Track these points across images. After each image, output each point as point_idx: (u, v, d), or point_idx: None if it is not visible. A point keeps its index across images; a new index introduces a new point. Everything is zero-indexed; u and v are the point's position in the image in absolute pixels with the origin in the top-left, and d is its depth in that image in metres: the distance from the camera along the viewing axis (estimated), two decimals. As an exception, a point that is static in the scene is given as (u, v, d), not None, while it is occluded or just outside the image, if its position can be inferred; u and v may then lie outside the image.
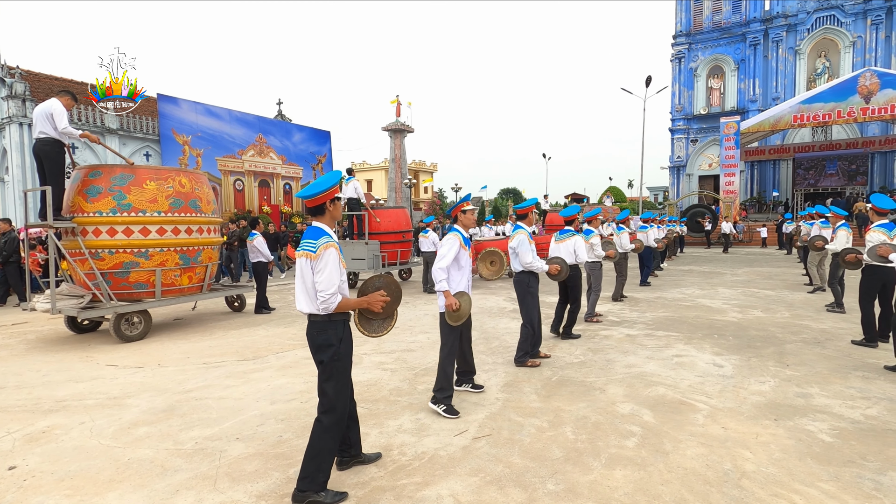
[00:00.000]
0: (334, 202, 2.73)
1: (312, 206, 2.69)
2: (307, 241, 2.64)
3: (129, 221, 6.57)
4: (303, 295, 2.65)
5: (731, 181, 25.80)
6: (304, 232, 2.76)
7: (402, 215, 12.02)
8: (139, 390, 4.52)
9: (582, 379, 4.59)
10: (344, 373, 2.71)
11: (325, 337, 2.64)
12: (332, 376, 2.66)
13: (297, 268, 2.69)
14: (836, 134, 29.54)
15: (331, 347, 2.64)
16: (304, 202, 2.70)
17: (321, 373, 2.67)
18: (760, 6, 30.95)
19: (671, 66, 34.00)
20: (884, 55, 27.60)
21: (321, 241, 2.61)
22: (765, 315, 7.45)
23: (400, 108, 31.83)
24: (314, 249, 2.59)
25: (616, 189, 39.28)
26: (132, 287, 6.74)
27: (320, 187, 2.65)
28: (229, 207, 20.93)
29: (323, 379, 2.67)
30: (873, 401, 3.92)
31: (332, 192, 2.69)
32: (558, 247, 6.14)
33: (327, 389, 2.65)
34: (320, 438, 2.61)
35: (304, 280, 2.63)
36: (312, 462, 2.58)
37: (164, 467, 3.03)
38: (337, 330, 2.67)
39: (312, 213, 2.72)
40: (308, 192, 2.67)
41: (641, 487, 2.70)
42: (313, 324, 2.67)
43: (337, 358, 2.65)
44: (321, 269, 2.56)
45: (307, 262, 2.60)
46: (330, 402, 2.64)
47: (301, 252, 2.64)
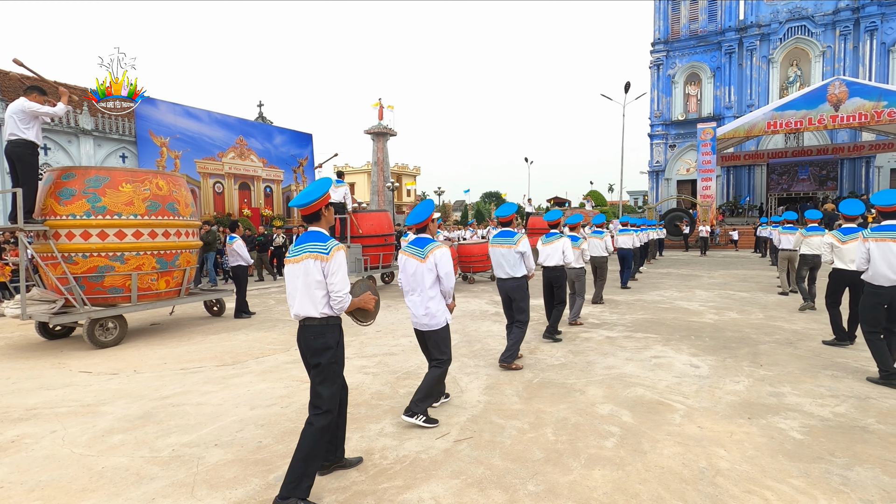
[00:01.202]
0: (328, 207, 2.79)
1: (309, 213, 2.73)
2: (313, 243, 2.65)
3: (104, 224, 6.43)
4: (305, 298, 2.64)
5: (708, 186, 26.39)
6: (300, 236, 2.77)
7: (385, 219, 12.00)
8: (114, 397, 4.41)
9: (563, 381, 4.64)
10: (339, 375, 2.73)
11: (324, 340, 2.65)
12: (327, 378, 2.66)
13: (296, 271, 2.66)
14: (807, 140, 30.49)
15: (329, 350, 2.66)
16: (300, 210, 2.74)
17: (316, 375, 2.67)
18: (735, 16, 31.84)
19: (650, 73, 34.70)
20: (852, 65, 28.62)
21: (331, 243, 2.66)
22: (740, 316, 7.63)
23: (382, 111, 31.80)
24: (326, 251, 2.62)
25: (597, 193, 39.84)
26: (107, 291, 6.59)
27: (315, 194, 2.69)
28: (209, 210, 20.60)
29: (318, 382, 2.67)
30: (841, 399, 4.05)
31: (326, 199, 2.75)
32: (546, 249, 6.21)
33: (322, 392, 2.65)
34: (311, 442, 2.59)
35: (307, 283, 2.62)
36: (300, 466, 2.54)
37: (140, 475, 2.97)
38: (334, 332, 2.70)
39: (308, 220, 2.77)
40: (304, 200, 2.70)
41: (620, 487, 2.75)
42: (309, 328, 2.66)
43: (334, 360, 2.68)
44: (335, 270, 2.61)
45: (316, 263, 2.61)
46: (325, 404, 2.64)
47: (306, 254, 2.64)
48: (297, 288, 2.66)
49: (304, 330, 2.69)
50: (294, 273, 2.68)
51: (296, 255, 2.69)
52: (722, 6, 32.14)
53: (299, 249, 2.69)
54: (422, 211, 3.85)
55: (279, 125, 25.15)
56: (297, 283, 2.66)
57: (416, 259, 3.70)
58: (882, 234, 4.39)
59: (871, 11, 28.00)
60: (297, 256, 2.67)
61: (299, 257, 2.66)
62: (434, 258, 3.64)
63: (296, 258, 2.68)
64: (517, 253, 4.95)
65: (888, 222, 4.44)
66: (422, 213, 3.82)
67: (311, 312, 2.64)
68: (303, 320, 2.69)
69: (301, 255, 2.66)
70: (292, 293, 2.70)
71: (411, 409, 3.61)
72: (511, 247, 4.96)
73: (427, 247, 3.68)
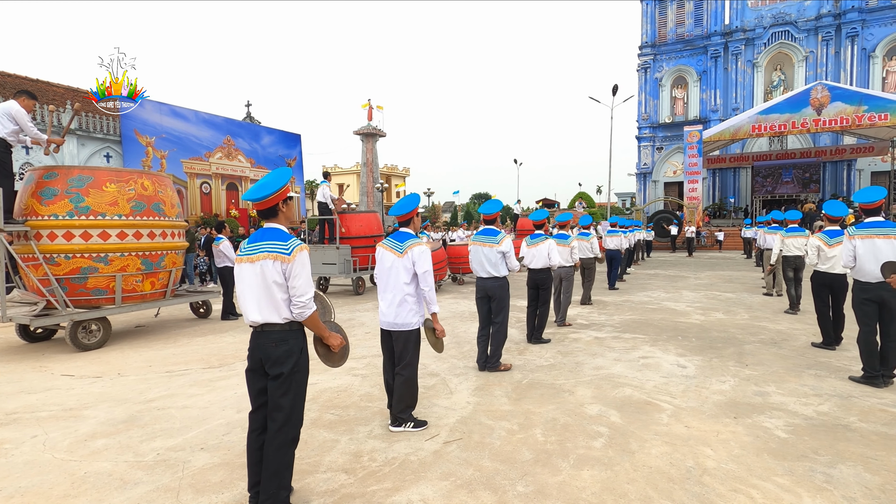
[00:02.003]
0: (287, 202, 2.51)
1: (265, 207, 2.47)
2: (271, 242, 2.41)
3: (88, 225, 6.31)
4: (265, 302, 2.40)
5: (695, 188, 26.74)
6: (253, 234, 2.52)
7: (374, 220, 11.96)
8: (97, 401, 4.33)
9: (552, 381, 4.65)
10: (303, 385, 2.53)
11: (287, 347, 2.43)
12: (290, 389, 2.45)
13: (250, 272, 2.42)
14: (791, 144, 31.03)
15: (291, 358, 2.43)
16: (254, 205, 2.47)
17: (277, 387, 2.43)
18: (721, 20, 32.31)
19: (637, 76, 35.06)
20: (834, 70, 29.20)
21: (292, 241, 2.41)
22: (726, 317, 7.73)
23: (372, 112, 31.72)
24: (287, 251, 2.37)
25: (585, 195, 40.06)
26: (90, 293, 6.47)
27: (272, 187, 2.43)
28: (195, 211, 20.37)
29: (279, 394, 2.43)
30: (825, 398, 4.12)
31: (284, 192, 2.47)
32: (531, 251, 6.16)
33: (283, 404, 2.44)
34: (279, 455, 2.44)
35: (266, 285, 2.38)
36: (272, 481, 2.42)
37: (124, 480, 2.92)
38: (299, 339, 2.49)
39: (265, 216, 2.50)
40: (258, 193, 2.43)
41: (608, 487, 2.76)
42: (269, 334, 2.43)
43: (297, 369, 2.46)
44: (298, 272, 2.38)
45: (276, 264, 2.37)
46: (286, 416, 2.44)
47: (263, 254, 2.39)
48: (253, 291, 2.42)
49: (262, 336, 2.44)
50: (248, 274, 2.43)
51: (250, 253, 2.43)
52: (708, 11, 32.62)
53: (254, 248, 2.43)
54: (407, 203, 3.67)
55: (267, 125, 25.00)
56: (252, 285, 2.42)
57: (393, 253, 3.54)
58: (867, 230, 4.46)
59: (852, 18, 28.60)
60: (252, 255, 2.41)
61: (254, 256, 2.40)
62: (412, 255, 3.49)
63: (250, 257, 2.42)
64: (499, 252, 4.94)
65: (872, 219, 4.51)
66: (407, 205, 3.66)
67: (272, 318, 2.41)
68: (261, 326, 2.45)
69: (257, 255, 2.40)
70: (246, 297, 2.44)
71: (397, 419, 3.56)
72: (494, 246, 4.95)
73: (406, 242, 3.53)
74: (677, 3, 33.69)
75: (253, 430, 2.53)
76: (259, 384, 2.50)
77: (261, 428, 2.51)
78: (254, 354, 2.48)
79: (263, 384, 2.49)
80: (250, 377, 2.53)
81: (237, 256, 2.53)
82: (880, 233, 4.39)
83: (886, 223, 4.45)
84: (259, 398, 2.51)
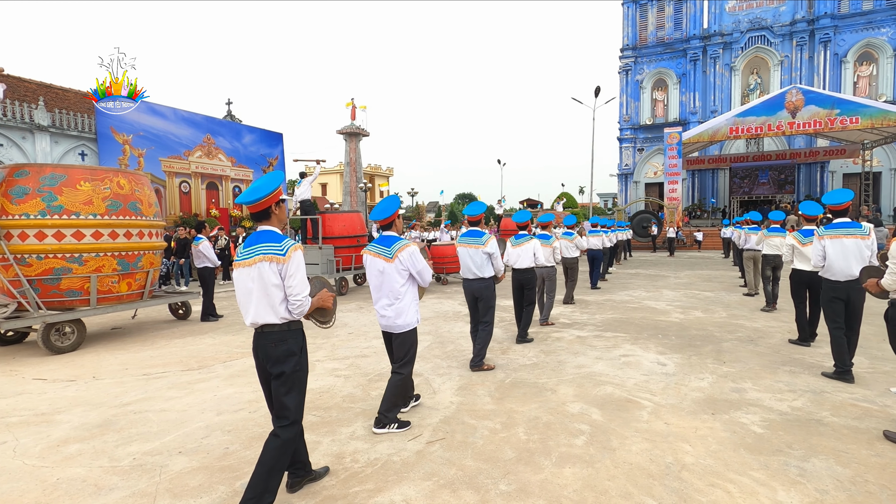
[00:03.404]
0: (279, 205, 2.59)
1: (258, 210, 2.52)
2: (266, 244, 2.46)
3: (61, 224, 6.15)
4: (263, 304, 2.46)
5: (675, 189, 27.14)
6: (249, 237, 2.57)
7: (357, 219, 11.89)
8: (70, 405, 4.22)
9: (534, 380, 4.68)
10: (304, 383, 2.60)
11: (287, 347, 2.50)
12: (293, 387, 2.52)
13: (248, 275, 2.47)
14: (767, 146, 31.74)
15: (292, 357, 2.51)
16: (248, 207, 2.51)
17: (280, 386, 2.50)
18: (700, 24, 32.92)
19: (619, 78, 35.50)
20: (807, 74, 29.99)
21: (286, 243, 2.47)
22: (704, 315, 7.87)
23: (355, 111, 31.50)
24: (282, 252, 2.43)
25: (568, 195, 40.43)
26: (64, 295, 6.31)
27: (265, 190, 2.49)
28: (174, 210, 19.99)
29: (283, 392, 2.51)
30: (799, 393, 4.23)
31: (277, 195, 2.54)
32: (516, 251, 6.19)
33: (288, 403, 2.51)
34: (277, 454, 2.46)
35: (264, 287, 2.44)
36: (264, 480, 2.40)
37: (98, 486, 2.85)
38: (297, 338, 2.55)
39: (258, 219, 2.56)
40: (252, 196, 2.48)
41: (589, 484, 2.79)
42: (269, 334, 2.49)
43: (299, 367, 2.54)
44: (293, 272, 2.44)
45: (272, 266, 2.43)
46: (293, 415, 2.52)
47: (259, 257, 2.44)
48: (252, 293, 2.47)
49: (262, 337, 2.51)
50: (246, 277, 2.48)
51: (247, 257, 2.48)
52: (687, 14, 33.20)
53: (251, 251, 2.48)
54: (387, 206, 3.62)
55: (248, 124, 24.66)
56: (251, 288, 2.47)
57: (382, 259, 3.51)
58: (835, 231, 4.60)
59: (825, 24, 29.40)
60: (249, 259, 2.47)
61: (251, 260, 2.46)
62: (403, 257, 3.49)
63: (247, 261, 2.47)
64: (485, 253, 4.95)
65: (840, 220, 4.66)
66: (388, 209, 3.61)
67: (270, 319, 2.47)
68: (261, 327, 2.51)
69: (253, 258, 2.46)
70: (245, 300, 2.50)
71: (381, 420, 3.54)
72: (479, 247, 4.96)
73: (394, 245, 3.50)
74: (657, 7, 34.22)
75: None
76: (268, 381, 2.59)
77: None
78: (257, 354, 2.55)
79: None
80: (260, 375, 2.61)
81: (234, 262, 2.56)
82: (847, 233, 4.54)
83: (853, 224, 4.60)
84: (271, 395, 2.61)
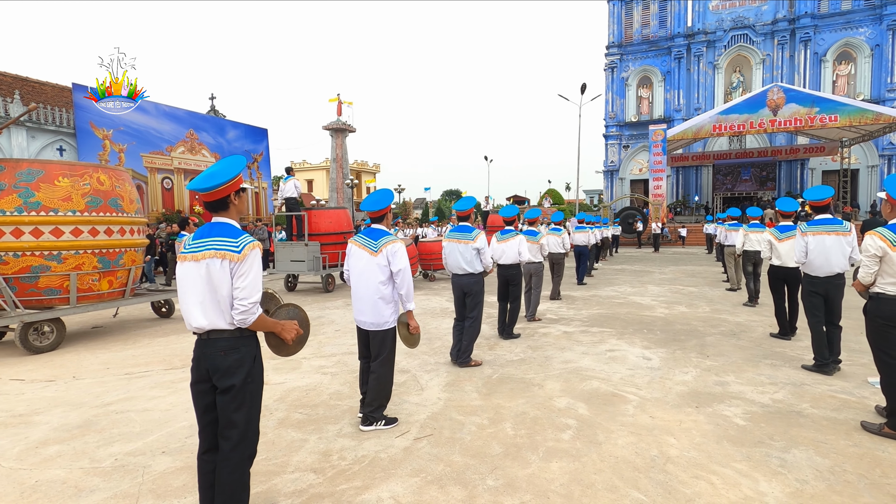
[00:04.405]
0: (239, 194, 2.27)
1: (214, 199, 2.21)
2: (220, 238, 2.15)
3: (38, 221, 6.00)
4: (211, 305, 2.13)
5: (659, 185, 27.44)
6: (200, 228, 2.26)
7: (344, 216, 11.81)
8: (50, 406, 4.13)
9: (521, 376, 4.70)
10: (257, 396, 2.27)
11: (238, 356, 2.17)
12: (244, 402, 2.19)
13: (195, 272, 2.15)
14: (749, 143, 32.27)
15: (243, 368, 2.17)
16: (201, 196, 2.20)
17: (229, 402, 2.16)
18: (684, 22, 33.27)
19: (605, 76, 35.74)
20: (788, 72, 30.53)
21: (244, 238, 2.17)
22: (688, 310, 7.98)
23: (341, 106, 31.28)
24: (238, 248, 2.12)
25: (555, 191, 40.68)
26: (42, 293, 6.16)
27: (224, 176, 2.18)
28: (157, 207, 19.65)
29: (232, 408, 2.16)
30: (780, 386, 4.31)
31: (237, 182, 2.24)
32: (501, 246, 6.21)
33: (237, 420, 2.17)
34: (233, 478, 2.19)
35: (213, 287, 2.12)
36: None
37: (79, 488, 2.79)
38: (251, 346, 2.24)
39: (213, 209, 2.24)
40: (209, 182, 2.17)
41: (576, 478, 2.81)
42: (217, 342, 2.15)
43: (251, 380, 2.21)
44: (245, 272, 2.13)
45: (224, 263, 2.11)
46: (241, 433, 2.18)
47: (210, 252, 2.13)
48: (197, 292, 2.14)
49: (208, 345, 2.16)
50: (191, 273, 2.15)
51: (195, 251, 2.16)
52: (671, 13, 33.53)
53: (200, 245, 2.16)
54: (381, 198, 3.51)
55: (233, 119, 24.30)
56: (196, 286, 2.14)
57: (367, 252, 3.43)
58: (817, 228, 4.70)
59: (806, 23, 29.93)
60: (197, 253, 2.15)
61: (200, 254, 2.14)
62: (387, 253, 3.40)
63: (194, 255, 2.15)
64: (474, 249, 4.96)
65: (821, 216, 4.76)
66: (381, 201, 3.49)
67: (219, 324, 2.14)
68: (206, 333, 2.17)
69: (202, 252, 2.14)
70: (188, 299, 2.16)
71: (367, 418, 3.51)
72: (469, 242, 4.96)
73: (381, 239, 3.42)
74: (642, 5, 34.50)
75: (204, 452, 2.26)
76: (207, 398, 2.21)
77: (213, 447, 2.25)
78: (199, 365, 2.19)
79: (212, 399, 2.21)
80: (196, 391, 2.22)
81: (180, 254, 2.23)
82: (829, 230, 4.64)
83: (834, 220, 4.69)
84: (208, 414, 2.23)
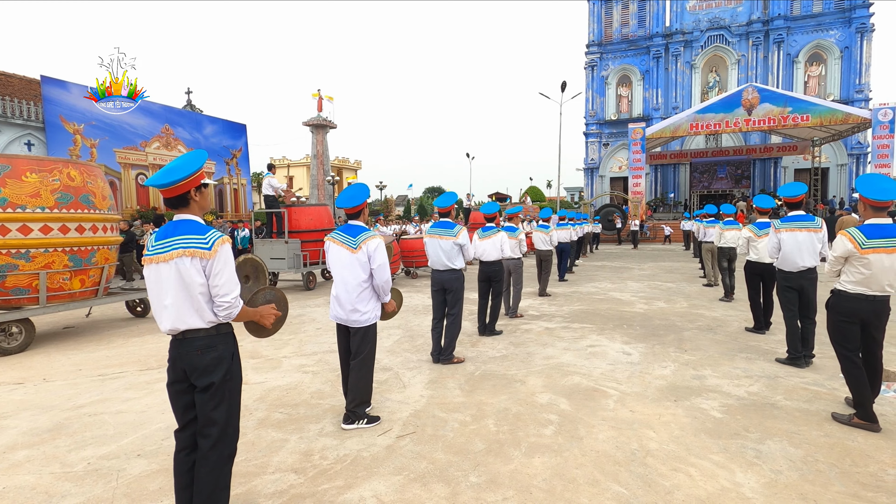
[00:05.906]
0: (200, 190, 2.20)
1: (173, 196, 2.13)
2: (186, 236, 2.09)
3: (5, 218, 5.78)
4: (185, 306, 2.09)
5: (638, 183, 27.84)
6: (163, 227, 2.20)
7: (325, 213, 11.68)
8: (18, 409, 3.99)
9: (504, 372, 4.72)
10: (236, 394, 2.26)
11: (216, 354, 2.15)
12: (223, 400, 2.17)
13: (164, 273, 2.10)
14: (725, 142, 32.99)
15: (221, 365, 2.16)
16: (161, 192, 2.14)
17: (207, 400, 2.14)
18: (662, 22, 33.77)
19: (585, 74, 36.08)
20: (762, 73, 31.27)
21: (212, 234, 2.11)
22: (667, 306, 8.12)
23: (322, 102, 30.94)
24: (207, 246, 2.08)
25: (536, 189, 40.96)
26: (9, 293, 5.95)
27: (183, 172, 2.10)
28: (131, 204, 19.17)
29: (211, 407, 2.14)
30: (755, 379, 4.41)
31: (197, 178, 2.16)
32: (483, 244, 6.21)
33: (216, 417, 2.15)
34: (212, 477, 2.16)
35: (185, 286, 2.08)
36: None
37: (50, 493, 2.70)
38: (228, 343, 2.22)
39: (173, 205, 2.16)
40: (167, 178, 2.08)
41: (558, 472, 2.83)
42: (194, 341, 2.13)
43: (229, 377, 2.19)
44: (220, 269, 2.09)
45: (194, 261, 2.07)
46: (220, 430, 2.17)
47: (178, 251, 2.07)
48: (169, 294, 2.09)
49: (184, 345, 2.13)
50: (161, 275, 2.10)
51: (161, 251, 2.10)
52: (650, 12, 34.00)
53: (166, 245, 2.10)
54: (356, 194, 3.48)
55: (210, 114, 23.82)
56: (167, 287, 2.09)
57: (346, 249, 3.42)
58: (790, 224, 4.81)
59: (779, 25, 30.68)
60: (164, 254, 2.09)
61: (167, 255, 2.08)
62: (367, 249, 3.40)
63: (162, 255, 2.09)
64: (456, 245, 4.95)
65: (795, 213, 4.87)
66: (357, 197, 3.47)
67: (195, 323, 2.11)
68: (181, 334, 2.14)
69: (170, 252, 2.08)
70: (160, 300, 2.11)
71: (349, 416, 3.49)
72: (451, 238, 4.95)
73: (360, 236, 3.41)
74: (622, 4, 34.91)
75: (181, 450, 2.23)
76: (185, 398, 2.19)
77: (190, 447, 2.23)
78: (175, 365, 2.17)
79: (190, 398, 2.19)
80: (173, 392, 2.20)
81: (145, 256, 2.17)
82: (802, 226, 4.75)
83: (807, 217, 4.81)
84: (186, 414, 2.21)
